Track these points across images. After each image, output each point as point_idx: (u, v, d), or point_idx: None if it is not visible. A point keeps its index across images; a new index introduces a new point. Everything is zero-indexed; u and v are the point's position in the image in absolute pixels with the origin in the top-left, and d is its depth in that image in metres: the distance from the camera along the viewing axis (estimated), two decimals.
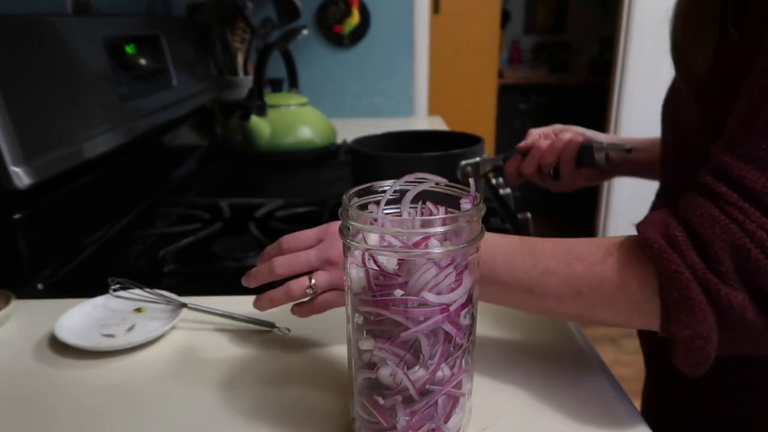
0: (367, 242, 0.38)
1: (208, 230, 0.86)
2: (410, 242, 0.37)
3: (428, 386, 0.39)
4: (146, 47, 1.12)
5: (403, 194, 0.41)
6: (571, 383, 0.51)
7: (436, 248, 0.37)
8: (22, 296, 0.65)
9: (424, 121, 2.10)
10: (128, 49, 1.04)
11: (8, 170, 0.67)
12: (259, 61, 1.28)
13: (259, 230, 0.85)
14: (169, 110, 1.16)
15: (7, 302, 0.62)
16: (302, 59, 1.98)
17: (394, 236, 0.37)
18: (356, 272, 0.39)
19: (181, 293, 0.64)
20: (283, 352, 0.56)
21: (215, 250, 0.81)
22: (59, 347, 0.57)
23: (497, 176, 1.20)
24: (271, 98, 1.35)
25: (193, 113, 1.31)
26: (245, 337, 0.59)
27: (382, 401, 0.39)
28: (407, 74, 2.12)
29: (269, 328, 0.60)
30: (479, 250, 0.40)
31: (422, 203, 0.41)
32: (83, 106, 0.85)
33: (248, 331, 0.60)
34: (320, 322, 0.61)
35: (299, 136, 1.34)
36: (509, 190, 1.12)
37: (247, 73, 1.69)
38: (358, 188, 0.41)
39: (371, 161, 0.90)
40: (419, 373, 0.38)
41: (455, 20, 2.72)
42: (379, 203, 0.41)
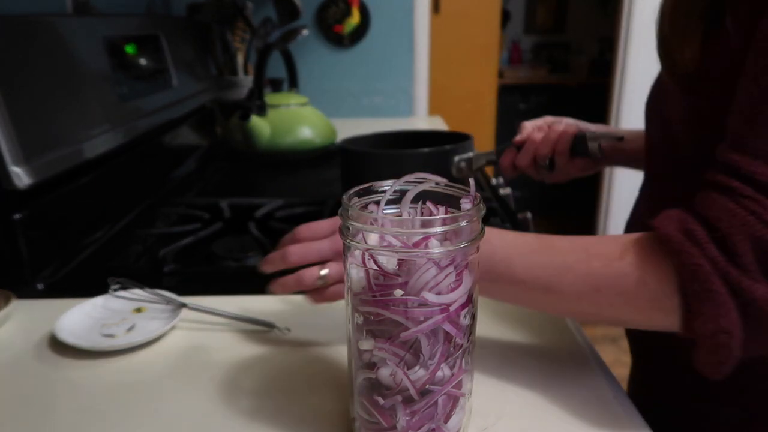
0: (367, 242, 0.38)
1: (208, 230, 0.86)
2: (410, 242, 0.37)
3: (428, 386, 0.39)
4: (146, 47, 1.12)
5: (403, 194, 0.41)
6: (571, 383, 0.51)
7: (436, 248, 0.37)
8: (22, 296, 0.65)
9: (424, 121, 2.10)
10: (128, 49, 1.04)
11: (8, 170, 0.67)
12: (259, 61, 1.28)
13: (259, 230, 0.85)
14: (169, 110, 1.16)
15: (7, 302, 0.62)
16: (302, 59, 1.98)
17: (394, 236, 0.37)
18: (356, 272, 0.39)
19: (181, 293, 0.64)
20: (283, 352, 0.56)
21: (215, 250, 0.81)
22: (59, 347, 0.57)
23: (497, 176, 1.20)
24: (271, 98, 1.35)
25: (193, 113, 1.31)
26: (245, 337, 0.59)
27: (382, 401, 0.39)
28: (407, 74, 2.12)
29: (269, 328, 0.60)
30: (479, 250, 0.40)
31: (422, 203, 0.41)
32: (83, 106, 0.85)
33: (248, 331, 0.60)
34: (320, 322, 0.61)
35: (299, 136, 1.34)
36: (509, 190, 1.12)
37: (247, 73, 1.69)
38: (358, 188, 0.41)
39: (360, 159, 0.90)
40: (419, 373, 0.38)
41: (455, 20, 2.72)
42: (379, 203, 0.41)
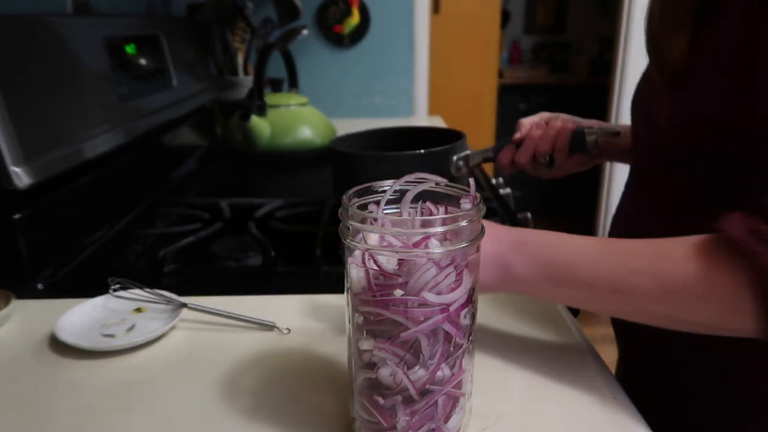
0: (367, 242, 0.38)
1: (208, 230, 0.86)
2: (410, 242, 0.37)
3: (428, 386, 0.39)
4: (146, 47, 1.12)
5: (403, 194, 0.41)
6: (571, 383, 0.51)
7: (436, 248, 0.37)
8: (22, 296, 0.65)
9: (424, 121, 2.10)
10: (128, 49, 1.04)
11: (8, 170, 0.67)
12: (259, 61, 1.28)
13: (259, 230, 0.85)
14: (169, 110, 1.16)
15: (7, 302, 0.62)
16: (302, 59, 1.98)
17: (394, 236, 0.37)
18: (356, 272, 0.39)
19: (181, 293, 0.64)
20: (283, 352, 0.56)
21: (215, 250, 0.81)
22: (59, 347, 0.57)
23: (497, 176, 1.20)
24: (271, 98, 1.35)
25: (193, 113, 1.31)
26: (245, 337, 0.59)
27: (382, 401, 0.39)
28: (407, 74, 2.12)
29: (269, 328, 0.60)
30: (479, 249, 0.40)
31: (422, 203, 0.41)
32: (83, 106, 0.85)
33: (248, 331, 0.60)
34: (320, 322, 0.61)
35: (299, 136, 1.34)
36: (509, 190, 1.12)
37: (247, 73, 1.69)
38: (357, 188, 0.41)
39: (352, 161, 0.86)
40: (419, 373, 0.38)
41: (455, 20, 2.72)
42: (379, 203, 0.41)
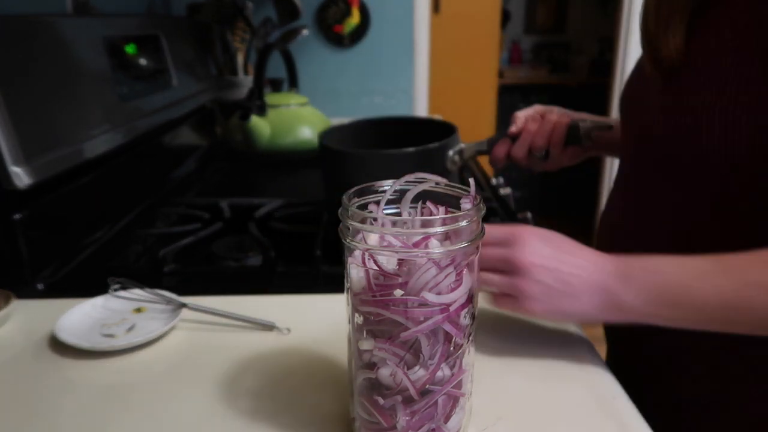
0: (367, 242, 0.38)
1: (208, 230, 0.86)
2: (410, 242, 0.37)
3: (428, 386, 0.39)
4: (146, 47, 1.12)
5: (403, 194, 0.41)
6: (571, 383, 0.51)
7: (436, 248, 0.37)
8: (22, 296, 0.65)
9: None
10: (128, 49, 1.04)
11: (8, 170, 0.67)
12: (259, 61, 1.28)
13: (259, 230, 0.85)
14: (169, 110, 1.16)
15: (7, 302, 0.62)
16: (302, 59, 1.98)
17: (394, 236, 0.37)
18: (356, 272, 0.39)
19: (181, 293, 0.64)
20: (283, 352, 0.56)
21: (215, 250, 0.81)
22: (59, 347, 0.57)
23: (497, 176, 1.20)
24: (271, 98, 1.35)
25: (193, 113, 1.31)
26: (245, 337, 0.59)
27: (382, 401, 0.39)
28: (407, 74, 2.12)
29: (269, 328, 0.60)
30: (479, 249, 0.40)
31: (422, 203, 0.41)
32: (83, 106, 0.85)
33: (248, 331, 0.60)
34: (320, 322, 0.61)
35: (299, 136, 1.34)
36: (509, 190, 1.12)
37: (247, 73, 1.69)
38: (357, 188, 0.41)
39: (342, 159, 0.81)
40: (419, 373, 0.38)
41: (455, 20, 2.72)
42: (379, 203, 0.41)
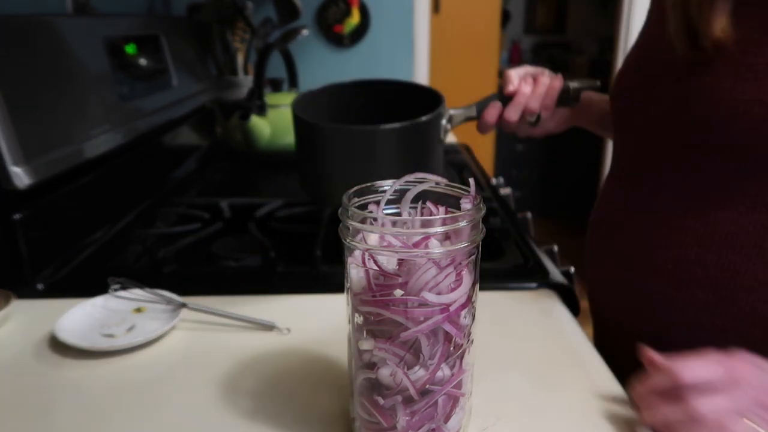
0: (367, 242, 0.38)
1: (208, 230, 0.86)
2: (410, 242, 0.37)
3: (428, 386, 0.39)
4: (146, 47, 1.12)
5: (403, 194, 0.41)
6: (571, 383, 0.51)
7: (436, 248, 0.37)
8: (22, 296, 0.65)
9: None
10: (128, 49, 1.04)
11: (8, 170, 0.67)
12: (259, 61, 1.28)
13: (259, 230, 0.85)
14: (169, 110, 1.16)
15: (7, 302, 0.62)
16: (302, 59, 1.98)
17: (394, 236, 0.37)
18: (356, 272, 0.39)
19: (181, 293, 0.64)
20: (283, 352, 0.57)
21: (215, 250, 0.81)
22: (59, 347, 0.57)
23: (497, 176, 1.20)
24: (271, 98, 1.35)
25: (193, 113, 1.31)
26: (245, 337, 0.59)
27: (382, 401, 0.39)
28: (407, 74, 2.12)
29: (269, 328, 0.60)
30: (479, 249, 0.40)
31: (422, 203, 0.41)
32: (83, 106, 0.85)
33: (248, 331, 0.60)
34: (320, 322, 0.61)
35: None
36: (509, 190, 1.12)
37: (247, 73, 1.69)
38: (357, 188, 0.41)
39: (320, 134, 0.69)
40: (419, 373, 0.38)
41: (455, 20, 2.72)
42: (379, 203, 0.41)
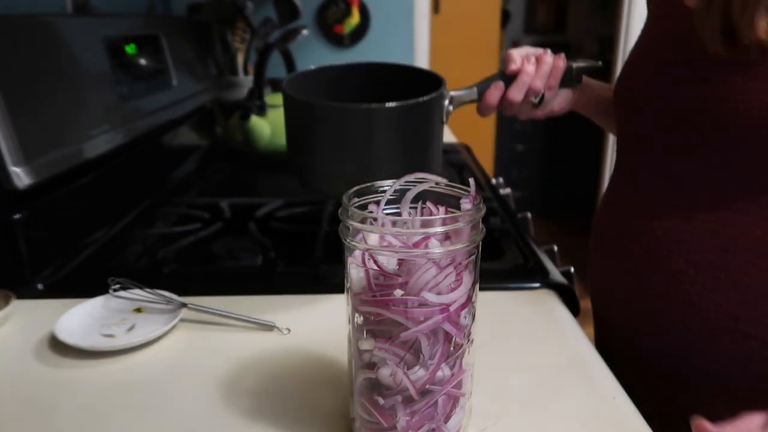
0: (367, 242, 0.38)
1: (208, 230, 0.86)
2: (410, 242, 0.37)
3: (428, 386, 0.39)
4: (146, 47, 1.12)
5: (403, 194, 0.41)
6: (570, 383, 0.51)
7: (436, 248, 0.37)
8: (22, 296, 0.65)
9: None
10: (128, 49, 1.04)
11: (8, 170, 0.67)
12: (259, 61, 1.28)
13: (259, 230, 0.85)
14: (169, 110, 1.16)
15: (7, 302, 0.62)
16: (302, 59, 1.98)
17: (394, 236, 0.37)
18: (356, 272, 0.39)
19: (181, 293, 0.64)
20: (283, 352, 0.56)
21: (215, 250, 0.81)
22: (59, 347, 0.57)
23: (497, 176, 1.20)
24: (271, 98, 1.35)
25: (193, 113, 1.31)
26: (245, 337, 0.59)
27: (382, 401, 0.39)
28: None
29: (269, 328, 0.60)
30: (479, 249, 0.40)
31: (422, 203, 0.41)
32: (83, 106, 0.85)
33: (248, 331, 0.60)
34: (320, 322, 0.61)
35: None
36: (509, 190, 1.12)
37: (247, 73, 1.69)
38: (357, 188, 0.41)
39: (311, 112, 0.65)
40: (419, 373, 0.38)
41: (455, 20, 2.72)
42: (379, 203, 0.41)
